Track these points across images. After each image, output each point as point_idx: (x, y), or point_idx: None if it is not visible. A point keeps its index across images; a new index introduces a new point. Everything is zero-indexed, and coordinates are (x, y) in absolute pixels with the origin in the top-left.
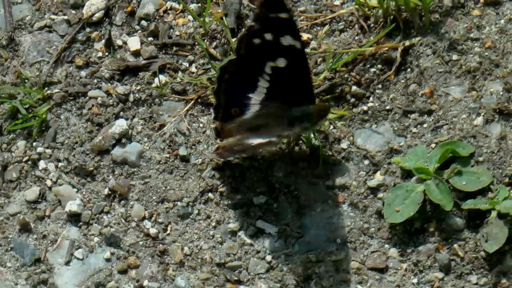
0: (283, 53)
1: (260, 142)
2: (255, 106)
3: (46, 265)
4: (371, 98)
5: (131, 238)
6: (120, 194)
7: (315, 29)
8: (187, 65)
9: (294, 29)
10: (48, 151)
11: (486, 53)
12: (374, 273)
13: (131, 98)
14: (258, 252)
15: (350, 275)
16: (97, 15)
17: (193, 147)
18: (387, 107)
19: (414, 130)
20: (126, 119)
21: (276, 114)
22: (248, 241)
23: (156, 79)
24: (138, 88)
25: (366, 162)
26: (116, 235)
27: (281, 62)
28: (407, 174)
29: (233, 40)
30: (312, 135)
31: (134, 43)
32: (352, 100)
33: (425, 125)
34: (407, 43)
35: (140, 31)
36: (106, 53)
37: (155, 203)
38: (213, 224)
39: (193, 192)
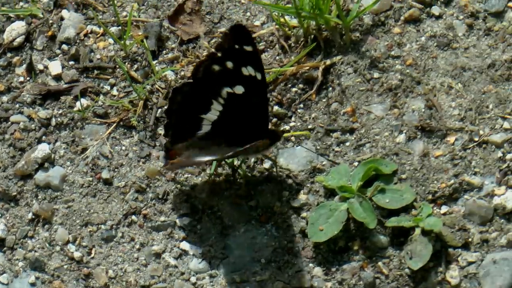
0: (242, 82)
1: (207, 159)
2: (206, 127)
3: None
4: (293, 118)
5: (55, 262)
6: (44, 218)
7: None
8: (109, 88)
9: (258, 61)
10: None
11: (407, 71)
12: None
13: (53, 122)
14: (182, 273)
15: None
16: (18, 40)
17: (115, 170)
18: (309, 126)
19: (337, 148)
20: (49, 143)
21: (227, 136)
22: (173, 262)
23: (78, 103)
24: (60, 112)
25: (289, 181)
26: (41, 259)
27: (239, 89)
28: (330, 193)
29: (154, 62)
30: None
31: (55, 67)
32: (274, 120)
33: (347, 144)
34: (328, 62)
35: (61, 55)
36: (28, 78)
37: (79, 227)
38: (137, 246)
39: (116, 215)
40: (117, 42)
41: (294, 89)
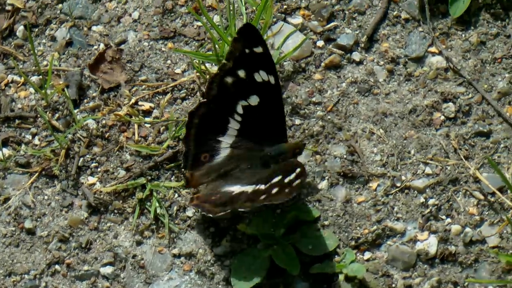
0: (256, 90)
1: (237, 191)
2: (226, 150)
3: None
4: None
5: None
6: None
7: (157, 98)
8: (30, 138)
9: (269, 63)
10: None
11: (329, 117)
12: None
13: None
14: None
15: None
16: None
17: (38, 219)
18: None
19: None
20: None
21: (248, 156)
22: None
23: (0, 153)
24: None
25: (212, 229)
26: None
27: (253, 100)
28: (253, 240)
29: (75, 111)
30: (157, 203)
31: None
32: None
33: None
34: None
35: None
36: None
37: (2, 277)
38: None
39: (40, 264)
40: (38, 92)
41: None
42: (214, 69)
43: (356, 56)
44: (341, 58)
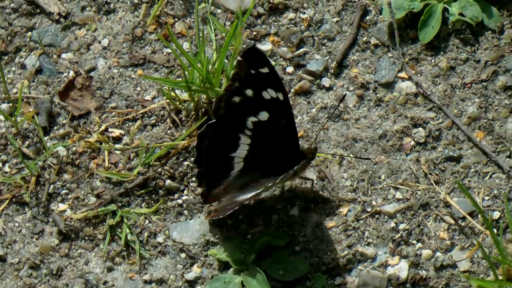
0: (265, 107)
1: (250, 196)
2: (239, 165)
3: None
4: (185, 191)
5: None
6: None
7: (127, 124)
8: (0, 165)
9: (277, 81)
10: None
11: (299, 142)
12: None
13: None
14: None
15: None
16: None
17: (9, 246)
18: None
19: (230, 221)
20: None
21: (262, 167)
22: None
23: None
24: None
25: (183, 255)
26: None
27: (263, 116)
28: (224, 266)
29: (45, 138)
30: (128, 230)
31: None
32: (167, 194)
33: (240, 216)
34: None
35: None
36: None
37: None
38: None
39: None
40: (8, 119)
41: (186, 163)
42: (184, 95)
43: (325, 82)
44: (311, 84)
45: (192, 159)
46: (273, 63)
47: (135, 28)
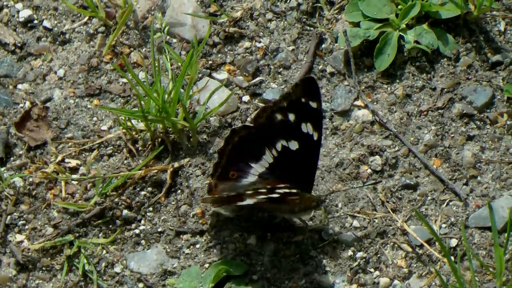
0: (298, 138)
1: (246, 204)
2: (253, 177)
3: None
4: (142, 221)
5: None
6: None
7: (83, 155)
8: None
9: (318, 120)
10: None
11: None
12: None
13: None
14: None
15: None
16: None
17: None
18: (159, 229)
19: (187, 251)
20: None
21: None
22: None
23: None
24: None
25: (141, 285)
26: None
27: (293, 145)
28: None
29: (2, 169)
30: (85, 260)
31: None
32: (124, 224)
33: (197, 246)
34: (176, 164)
35: None
36: None
37: None
38: None
39: None
40: None
41: (143, 193)
42: (141, 125)
43: None
44: None
45: (149, 188)
46: (226, 93)
47: (90, 58)
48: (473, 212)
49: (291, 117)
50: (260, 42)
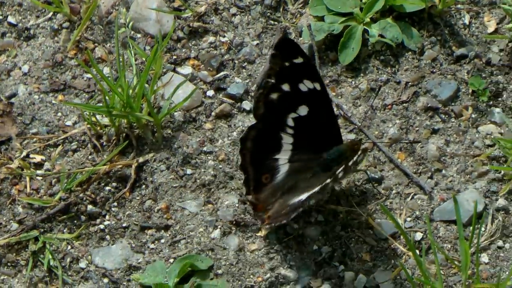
0: (303, 100)
1: (305, 197)
2: (285, 166)
3: None
4: (107, 216)
5: None
6: None
7: (48, 150)
8: None
9: (312, 71)
10: None
11: (220, 166)
12: None
13: None
14: None
15: None
16: None
17: None
18: (124, 225)
19: (152, 246)
20: None
21: (308, 166)
22: None
23: None
24: None
25: (106, 280)
26: None
27: (303, 110)
28: None
29: None
30: (50, 255)
31: None
32: (89, 219)
33: (162, 241)
34: (141, 159)
35: None
36: None
37: None
38: None
39: None
40: None
41: (107, 188)
42: (105, 120)
43: (246, 105)
44: (232, 107)
45: (114, 184)
46: (191, 88)
47: (55, 53)
48: (438, 205)
49: (286, 87)
50: (224, 36)
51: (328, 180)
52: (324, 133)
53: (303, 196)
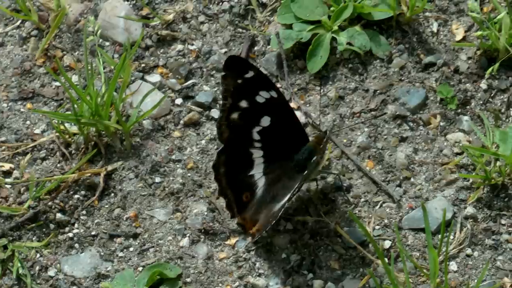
0: (264, 111)
1: (285, 201)
2: (261, 180)
3: None
4: (76, 225)
5: None
6: None
7: (17, 158)
8: None
9: (265, 81)
10: None
11: (189, 174)
12: None
13: None
14: None
15: None
16: None
17: None
18: (93, 233)
19: (121, 254)
20: None
21: (284, 173)
22: None
23: None
24: None
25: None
26: None
27: (265, 121)
28: None
29: None
30: (19, 264)
31: None
32: (58, 227)
33: (131, 249)
34: (110, 167)
35: None
36: None
37: None
38: None
39: None
40: None
41: (76, 196)
42: (74, 128)
43: (214, 113)
44: (200, 115)
45: (83, 192)
46: (159, 96)
47: (23, 62)
48: (406, 213)
49: (244, 103)
50: (192, 44)
51: (299, 183)
52: (290, 137)
53: (285, 199)
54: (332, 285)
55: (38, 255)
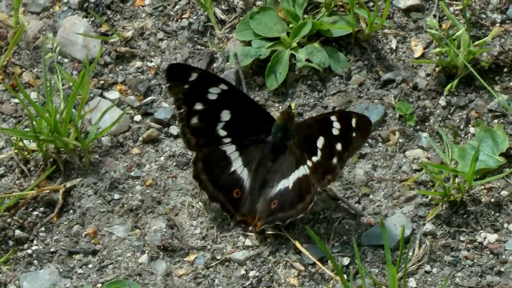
0: (220, 106)
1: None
2: (244, 172)
3: None
4: (35, 241)
5: None
6: None
7: None
8: None
9: (211, 77)
10: None
11: (148, 191)
12: None
13: None
14: None
15: None
16: None
17: None
18: (52, 249)
19: (80, 271)
20: None
21: (265, 157)
22: None
23: None
24: None
25: None
26: None
27: (226, 115)
28: None
29: None
30: None
31: None
32: (17, 244)
33: (90, 266)
34: (68, 184)
35: None
36: None
37: None
38: None
39: None
40: None
41: (35, 213)
42: (33, 145)
43: (173, 130)
44: (159, 132)
45: (42, 209)
46: (118, 113)
47: None
48: (365, 230)
49: (199, 106)
50: (151, 61)
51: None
52: (256, 121)
53: (284, 182)
54: None
55: None
